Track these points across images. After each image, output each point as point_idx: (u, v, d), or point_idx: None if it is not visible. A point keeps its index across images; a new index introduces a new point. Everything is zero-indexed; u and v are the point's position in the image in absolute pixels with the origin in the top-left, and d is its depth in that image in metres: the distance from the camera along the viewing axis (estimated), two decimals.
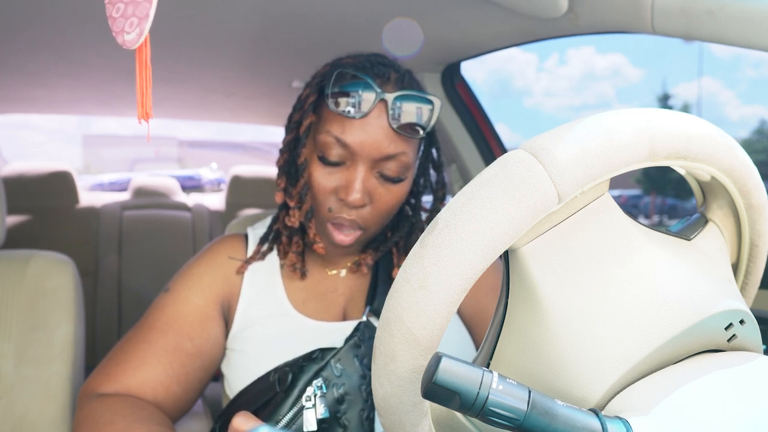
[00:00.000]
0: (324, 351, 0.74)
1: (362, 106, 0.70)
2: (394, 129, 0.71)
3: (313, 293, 0.82)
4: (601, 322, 0.38)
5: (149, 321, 0.77)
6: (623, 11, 0.83)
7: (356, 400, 0.72)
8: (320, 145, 0.73)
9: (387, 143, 0.71)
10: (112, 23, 0.43)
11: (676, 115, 0.40)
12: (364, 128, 0.70)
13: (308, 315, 0.80)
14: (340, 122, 0.71)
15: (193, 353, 0.76)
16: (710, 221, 0.48)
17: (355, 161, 0.72)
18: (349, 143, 0.71)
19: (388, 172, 0.73)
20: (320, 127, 0.74)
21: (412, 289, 0.35)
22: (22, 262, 0.94)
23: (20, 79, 1.54)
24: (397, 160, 0.73)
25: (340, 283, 0.84)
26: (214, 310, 0.79)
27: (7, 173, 2.06)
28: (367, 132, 0.71)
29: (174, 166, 20.70)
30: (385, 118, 0.71)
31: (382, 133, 0.71)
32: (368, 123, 0.71)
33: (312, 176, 0.74)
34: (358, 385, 0.73)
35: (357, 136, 0.70)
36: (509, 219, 0.34)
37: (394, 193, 0.75)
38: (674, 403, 0.33)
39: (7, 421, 0.88)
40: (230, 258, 0.83)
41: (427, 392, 0.31)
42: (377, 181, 0.73)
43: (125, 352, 0.75)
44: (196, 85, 1.67)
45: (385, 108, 0.71)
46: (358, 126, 0.70)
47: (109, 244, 2.10)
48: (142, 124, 0.44)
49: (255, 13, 1.05)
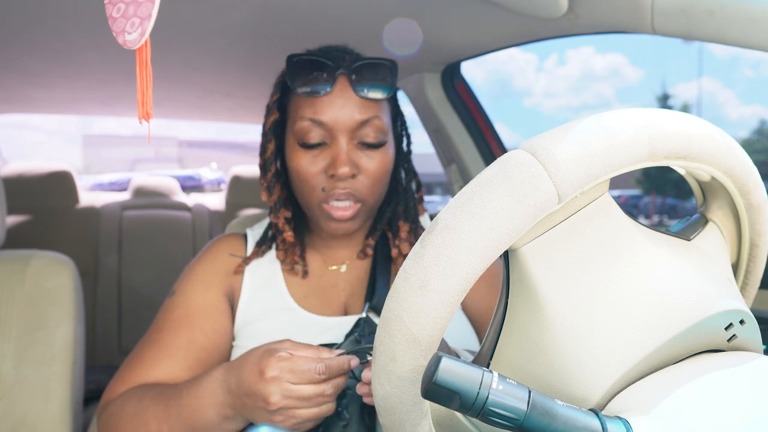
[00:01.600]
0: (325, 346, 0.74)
1: (326, 83, 0.76)
2: (360, 95, 0.76)
3: (314, 288, 0.83)
4: (601, 322, 0.38)
5: (159, 325, 0.78)
6: (623, 11, 0.83)
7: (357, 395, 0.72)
8: (298, 132, 0.77)
9: (358, 110, 0.76)
10: (113, 23, 0.43)
11: (676, 115, 0.40)
12: (333, 102, 0.76)
13: (310, 310, 0.81)
14: (310, 104, 0.76)
15: (208, 347, 0.77)
16: (710, 221, 0.48)
17: (334, 137, 0.76)
18: (325, 120, 0.75)
19: (367, 138, 0.77)
20: (293, 116, 0.79)
21: (412, 289, 0.35)
22: (22, 262, 0.94)
23: (20, 79, 1.54)
24: (371, 124, 0.77)
25: (341, 279, 0.85)
26: (223, 303, 0.81)
27: (7, 173, 2.06)
28: (337, 105, 0.76)
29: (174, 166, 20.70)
30: (349, 88, 0.76)
31: (351, 102, 0.76)
32: (336, 96, 0.76)
33: (296, 166, 0.78)
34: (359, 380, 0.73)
35: (329, 111, 0.75)
36: (509, 219, 0.34)
37: (380, 159, 0.79)
38: (674, 403, 0.33)
39: (7, 421, 0.88)
40: (231, 255, 0.84)
41: (427, 392, 0.31)
42: (360, 150, 0.78)
43: (139, 357, 0.76)
44: (196, 86, 1.67)
45: (347, 79, 0.77)
46: (327, 102, 0.76)
47: (109, 244, 2.10)
48: (142, 124, 0.44)
49: (255, 13, 1.05)
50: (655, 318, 0.38)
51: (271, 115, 0.82)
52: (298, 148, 0.78)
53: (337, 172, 0.74)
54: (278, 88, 0.83)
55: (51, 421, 0.89)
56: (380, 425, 0.72)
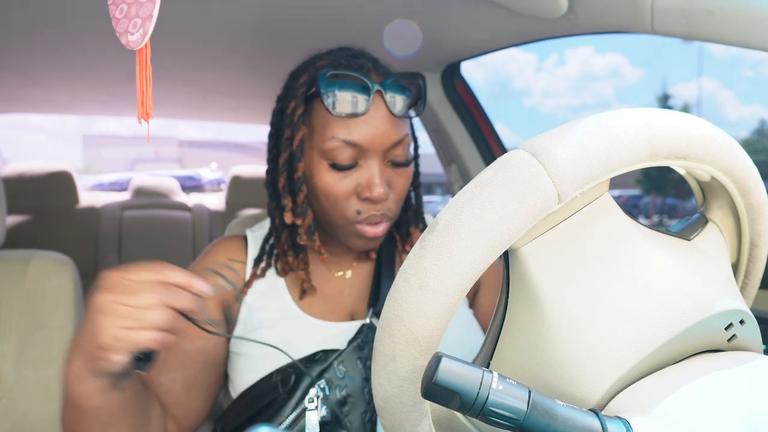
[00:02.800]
0: (327, 352, 0.73)
1: (361, 103, 0.70)
2: (395, 115, 0.72)
3: (319, 295, 0.81)
4: (601, 322, 0.38)
5: None
6: (623, 11, 0.83)
7: (359, 402, 0.72)
8: (327, 152, 0.71)
9: (392, 131, 0.72)
10: (116, 24, 0.43)
11: (676, 115, 0.40)
12: (369, 123, 0.71)
13: (315, 316, 0.79)
14: (344, 125, 0.71)
15: (193, 352, 0.75)
16: (710, 221, 0.48)
17: (366, 158, 0.72)
18: (359, 142, 0.70)
19: (398, 158, 0.74)
20: (320, 135, 0.72)
21: (412, 289, 0.35)
22: (22, 262, 0.94)
23: (20, 79, 1.54)
24: (403, 144, 0.74)
25: (347, 285, 0.83)
26: (215, 310, 0.78)
27: (7, 173, 2.06)
28: (373, 125, 0.71)
29: (174, 166, 20.68)
30: (384, 107, 0.72)
31: (386, 123, 0.71)
32: (371, 117, 0.71)
33: (325, 186, 0.73)
34: (361, 387, 0.73)
35: (364, 133, 0.70)
36: (509, 219, 0.34)
37: (407, 176, 0.76)
38: (674, 403, 0.33)
39: (7, 421, 0.88)
40: (230, 260, 0.82)
41: (427, 392, 0.31)
42: (390, 169, 0.74)
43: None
44: (196, 85, 1.67)
45: (381, 97, 0.72)
46: (362, 123, 0.70)
47: (109, 244, 2.10)
48: (142, 124, 0.44)
49: (255, 13, 1.05)
50: (654, 318, 0.38)
51: (298, 131, 0.74)
52: (325, 167, 0.72)
53: (373, 195, 0.71)
54: (302, 100, 0.74)
55: (51, 421, 0.89)
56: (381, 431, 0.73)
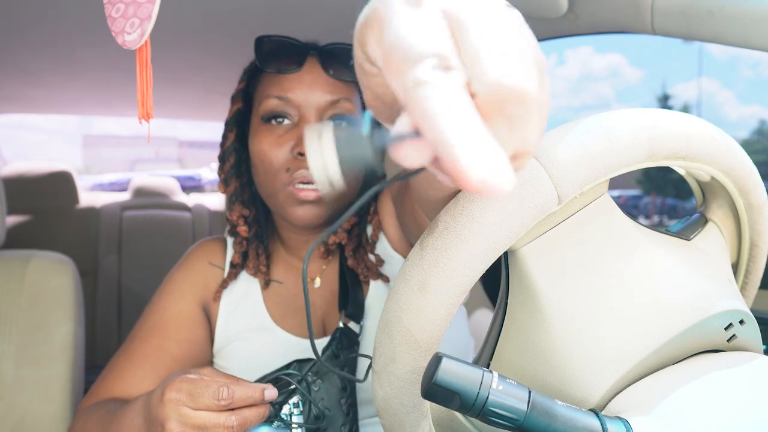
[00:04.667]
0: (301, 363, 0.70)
1: (296, 61, 0.74)
2: (330, 75, 0.74)
3: (291, 308, 0.80)
4: (601, 322, 0.38)
5: (132, 334, 0.76)
6: (623, 11, 0.83)
7: (336, 415, 0.69)
8: (263, 109, 0.75)
9: (326, 89, 0.74)
10: (112, 23, 0.43)
11: (676, 116, 0.40)
12: (302, 80, 0.74)
13: (288, 330, 0.78)
14: (277, 82, 0.74)
15: (181, 357, 0.74)
16: (710, 221, 0.48)
17: (302, 116, 0.74)
18: (292, 98, 0.74)
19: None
20: (259, 98, 0.77)
21: (411, 290, 0.35)
22: (22, 262, 0.94)
23: (20, 79, 1.54)
24: (340, 106, 0.75)
25: (317, 296, 0.81)
26: (198, 313, 0.78)
27: (7, 173, 2.06)
28: (305, 83, 0.74)
29: (174, 167, 20.69)
30: (319, 67, 0.75)
31: (320, 81, 0.74)
32: (305, 74, 0.74)
33: (260, 146, 0.74)
34: (338, 399, 0.70)
35: (298, 89, 0.74)
36: (509, 221, 0.34)
37: None
38: (674, 403, 0.33)
39: (7, 421, 0.88)
40: (210, 264, 0.82)
41: (428, 393, 0.31)
42: None
43: (109, 368, 0.75)
44: (197, 85, 1.67)
45: (317, 60, 0.75)
46: (296, 80, 0.74)
47: (109, 244, 2.10)
48: (142, 124, 0.44)
49: (255, 13, 1.05)
50: (654, 318, 0.38)
51: (234, 105, 0.80)
52: (262, 127, 0.75)
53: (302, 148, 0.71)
54: (245, 77, 0.81)
55: (51, 421, 0.89)
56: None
